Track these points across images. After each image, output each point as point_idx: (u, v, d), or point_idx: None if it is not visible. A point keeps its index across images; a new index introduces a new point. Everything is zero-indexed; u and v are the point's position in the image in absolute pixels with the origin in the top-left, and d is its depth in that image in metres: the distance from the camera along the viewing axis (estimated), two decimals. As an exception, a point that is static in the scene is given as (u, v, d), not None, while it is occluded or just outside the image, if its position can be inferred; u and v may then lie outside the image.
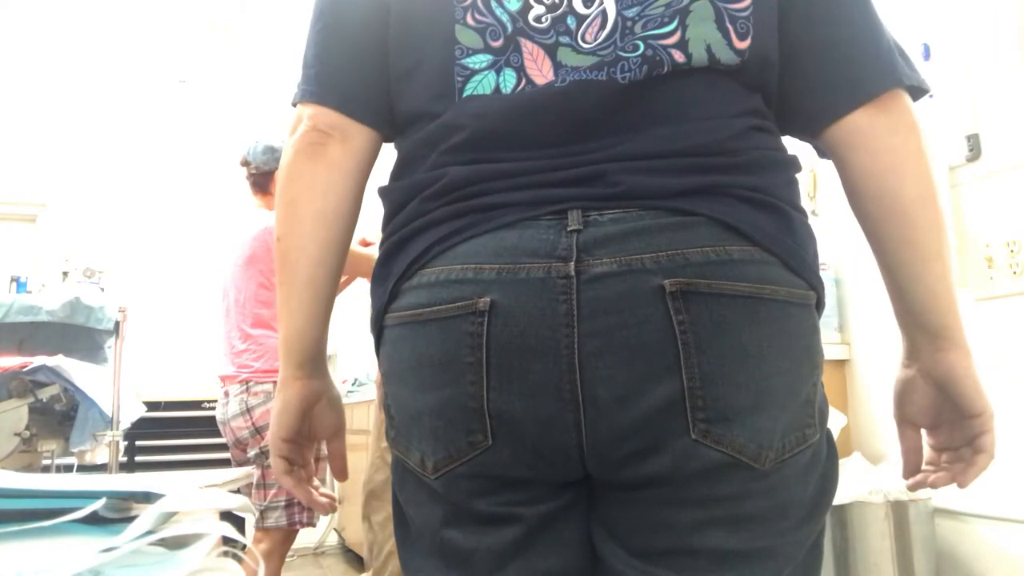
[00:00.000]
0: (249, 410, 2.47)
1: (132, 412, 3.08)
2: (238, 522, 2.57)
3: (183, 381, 4.30)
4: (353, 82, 0.82)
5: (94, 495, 0.52)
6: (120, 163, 4.76)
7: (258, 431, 2.45)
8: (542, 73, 0.74)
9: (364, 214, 0.84)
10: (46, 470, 2.71)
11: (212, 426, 2.71)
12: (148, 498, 0.55)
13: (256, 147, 2.65)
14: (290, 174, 0.82)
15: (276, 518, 2.43)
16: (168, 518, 0.54)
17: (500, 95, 0.74)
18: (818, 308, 0.74)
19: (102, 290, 3.18)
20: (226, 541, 0.56)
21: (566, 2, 0.74)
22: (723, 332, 0.66)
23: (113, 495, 0.54)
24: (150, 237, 4.74)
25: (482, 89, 0.75)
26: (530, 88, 0.74)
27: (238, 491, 2.03)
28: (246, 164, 2.67)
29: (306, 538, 4.66)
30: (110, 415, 2.78)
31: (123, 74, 4.78)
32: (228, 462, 2.83)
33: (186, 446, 4.19)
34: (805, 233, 0.74)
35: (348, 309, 2.83)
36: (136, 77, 4.81)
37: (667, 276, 0.66)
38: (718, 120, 0.73)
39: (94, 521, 0.52)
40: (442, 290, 0.71)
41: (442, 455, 0.72)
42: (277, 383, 0.85)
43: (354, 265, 2.45)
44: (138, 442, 4.12)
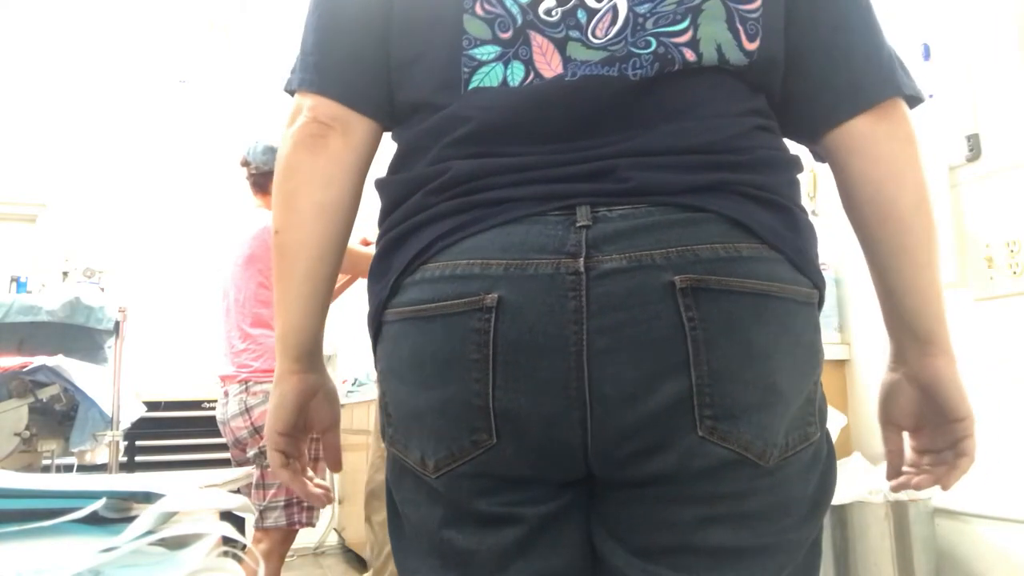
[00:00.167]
0: (248, 410, 2.47)
1: (132, 412, 3.08)
2: (238, 522, 2.57)
3: (183, 381, 4.30)
4: (355, 71, 0.80)
5: (94, 495, 0.52)
6: (120, 163, 4.76)
7: (257, 431, 2.45)
8: (551, 67, 0.73)
9: (365, 213, 0.82)
10: (46, 470, 2.71)
11: (212, 426, 2.71)
12: (148, 498, 0.55)
13: (256, 147, 2.65)
14: (289, 167, 0.80)
15: (275, 518, 2.43)
16: (168, 518, 0.54)
17: (507, 88, 0.73)
18: (819, 306, 0.74)
19: (102, 290, 3.18)
20: (226, 541, 0.56)
21: None
22: (732, 329, 0.66)
23: (113, 495, 0.54)
24: (150, 237, 4.74)
25: (489, 81, 0.74)
26: (538, 81, 0.73)
27: (238, 491, 2.03)
28: (246, 164, 2.67)
29: (306, 538, 4.66)
30: (110, 415, 2.78)
31: (123, 74, 4.78)
32: (228, 462, 2.83)
33: (186, 446, 4.19)
34: (809, 232, 0.75)
35: (348, 309, 2.82)
36: (136, 77, 4.81)
37: (677, 272, 0.66)
38: (726, 118, 0.73)
39: (94, 521, 0.51)
40: (447, 285, 0.70)
41: (444, 454, 0.71)
42: (273, 377, 0.84)
43: (355, 265, 2.45)
44: (138, 442, 4.12)
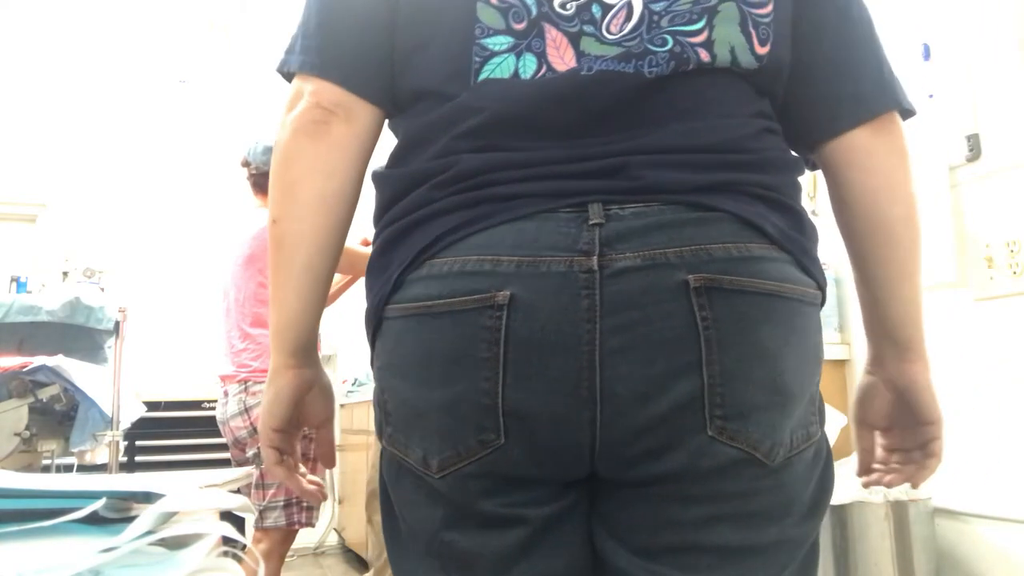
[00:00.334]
0: (247, 410, 2.47)
1: (132, 412, 3.08)
2: (238, 522, 2.56)
3: (183, 381, 4.30)
4: (359, 56, 0.77)
5: (94, 495, 0.52)
6: (120, 163, 4.76)
7: (256, 431, 2.45)
8: (563, 61, 0.71)
9: (365, 213, 0.80)
10: (46, 470, 2.71)
11: (212, 426, 2.71)
12: (148, 498, 0.55)
13: (256, 147, 2.65)
14: (289, 154, 0.77)
15: (275, 518, 2.43)
16: (168, 518, 0.54)
17: (519, 80, 0.72)
18: (820, 306, 0.75)
19: (102, 290, 3.18)
20: (226, 541, 0.56)
21: None
22: (744, 329, 0.66)
23: (113, 495, 0.54)
24: (150, 237, 4.73)
25: (500, 73, 0.72)
26: (551, 75, 0.71)
27: (238, 491, 2.03)
28: (246, 165, 2.67)
29: (306, 538, 4.66)
30: (110, 415, 2.78)
31: (123, 74, 4.78)
32: (228, 462, 2.83)
33: (186, 446, 4.18)
34: (812, 232, 0.75)
35: (348, 309, 2.83)
36: (136, 77, 4.80)
37: (691, 271, 0.66)
38: (735, 119, 0.73)
39: (94, 521, 0.51)
40: (456, 282, 0.68)
41: (449, 453, 0.69)
42: (268, 373, 0.82)
43: (354, 265, 2.45)
44: (138, 442, 4.12)
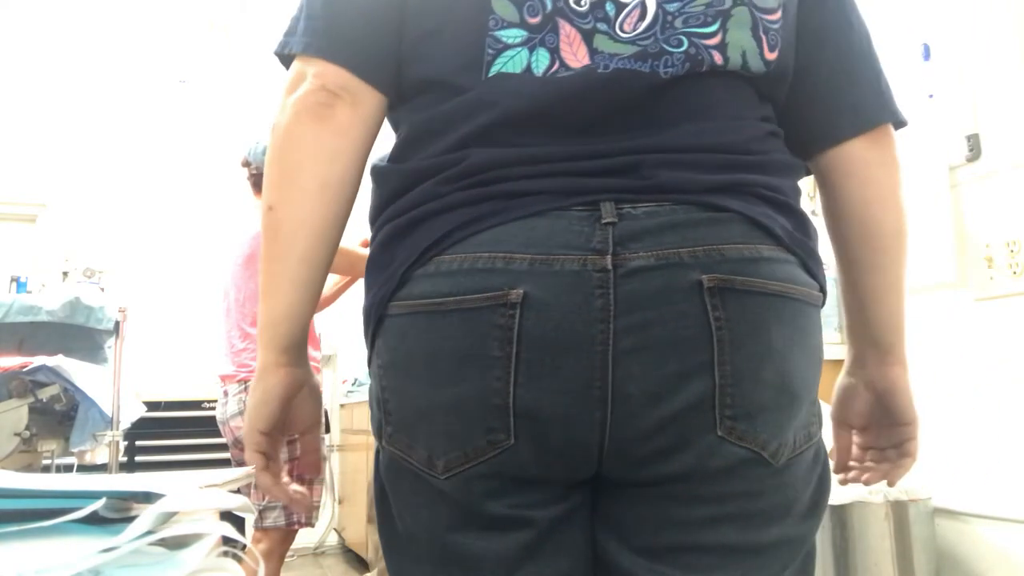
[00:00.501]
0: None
1: (132, 412, 3.08)
2: (238, 522, 2.56)
3: (183, 381, 4.30)
4: (366, 40, 0.74)
5: (94, 495, 0.52)
6: (120, 163, 4.76)
7: (257, 431, 2.45)
8: (576, 58, 0.71)
9: (363, 214, 0.79)
10: (46, 470, 2.71)
11: (212, 426, 2.71)
12: (148, 498, 0.55)
13: (257, 148, 2.65)
14: (290, 137, 0.73)
15: (275, 518, 2.43)
16: (168, 518, 0.54)
17: (532, 75, 0.71)
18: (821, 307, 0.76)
19: (102, 290, 3.18)
20: (226, 541, 0.56)
21: None
22: (754, 330, 0.66)
23: (113, 495, 0.53)
24: (150, 237, 4.73)
25: (512, 67, 0.71)
26: (565, 72, 0.70)
27: (238, 491, 2.03)
28: (247, 165, 2.67)
29: (306, 538, 4.66)
30: (110, 415, 2.78)
31: (123, 74, 4.78)
32: (228, 462, 2.83)
33: (186, 446, 4.18)
34: (815, 234, 0.76)
35: (348, 309, 2.83)
36: (136, 77, 4.80)
37: (704, 271, 0.66)
38: (743, 121, 0.73)
39: (94, 521, 0.51)
40: (467, 279, 0.67)
41: (456, 454, 0.68)
42: (255, 372, 0.78)
43: (352, 266, 2.45)
44: (138, 442, 4.12)
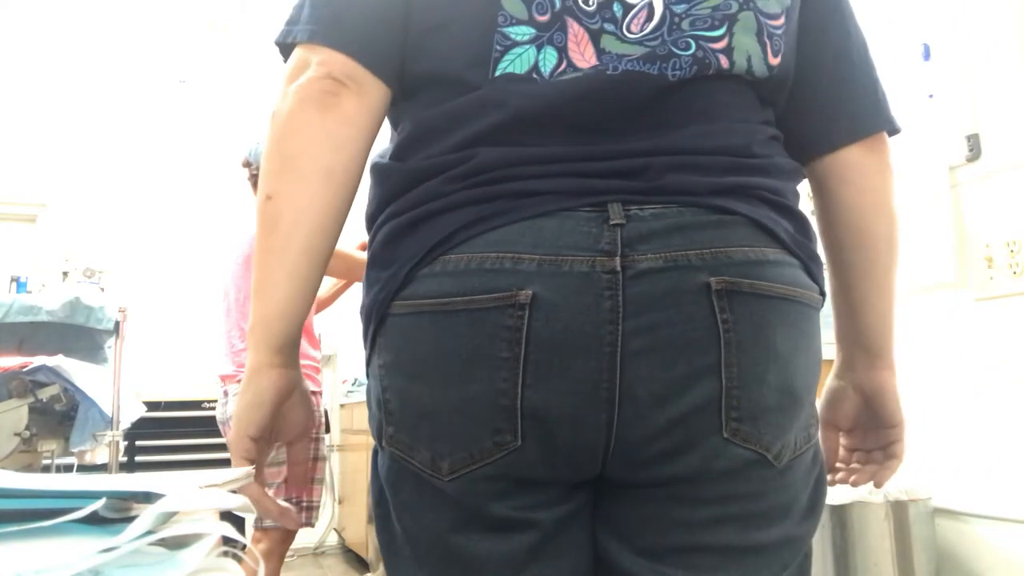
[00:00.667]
0: (249, 410, 2.47)
1: (132, 412, 3.08)
2: (238, 522, 2.56)
3: (183, 381, 4.30)
4: (374, 31, 0.73)
5: (94, 495, 0.51)
6: (120, 163, 4.77)
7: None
8: (584, 58, 0.70)
9: (360, 215, 0.78)
10: (46, 470, 2.71)
11: (212, 426, 2.71)
12: (148, 498, 0.55)
13: (257, 148, 2.65)
14: (292, 124, 0.71)
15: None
16: (168, 518, 0.54)
17: (540, 74, 0.70)
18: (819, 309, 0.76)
19: (102, 290, 3.18)
20: (226, 541, 0.56)
21: None
22: (760, 332, 0.67)
23: (113, 495, 0.53)
24: (150, 237, 4.74)
25: (520, 65, 0.70)
26: (572, 72, 0.70)
27: (238, 491, 2.02)
28: (247, 165, 2.67)
29: (306, 538, 4.67)
30: (110, 415, 2.78)
31: (123, 74, 4.78)
32: (228, 462, 2.82)
33: (186, 446, 4.19)
34: (815, 237, 0.76)
35: (347, 309, 2.82)
36: (136, 77, 4.81)
37: (712, 274, 0.66)
38: (747, 124, 0.74)
39: (94, 521, 0.51)
40: (474, 279, 0.66)
41: (462, 455, 0.67)
42: (245, 373, 0.74)
43: (352, 270, 2.45)
44: (138, 442, 4.12)
